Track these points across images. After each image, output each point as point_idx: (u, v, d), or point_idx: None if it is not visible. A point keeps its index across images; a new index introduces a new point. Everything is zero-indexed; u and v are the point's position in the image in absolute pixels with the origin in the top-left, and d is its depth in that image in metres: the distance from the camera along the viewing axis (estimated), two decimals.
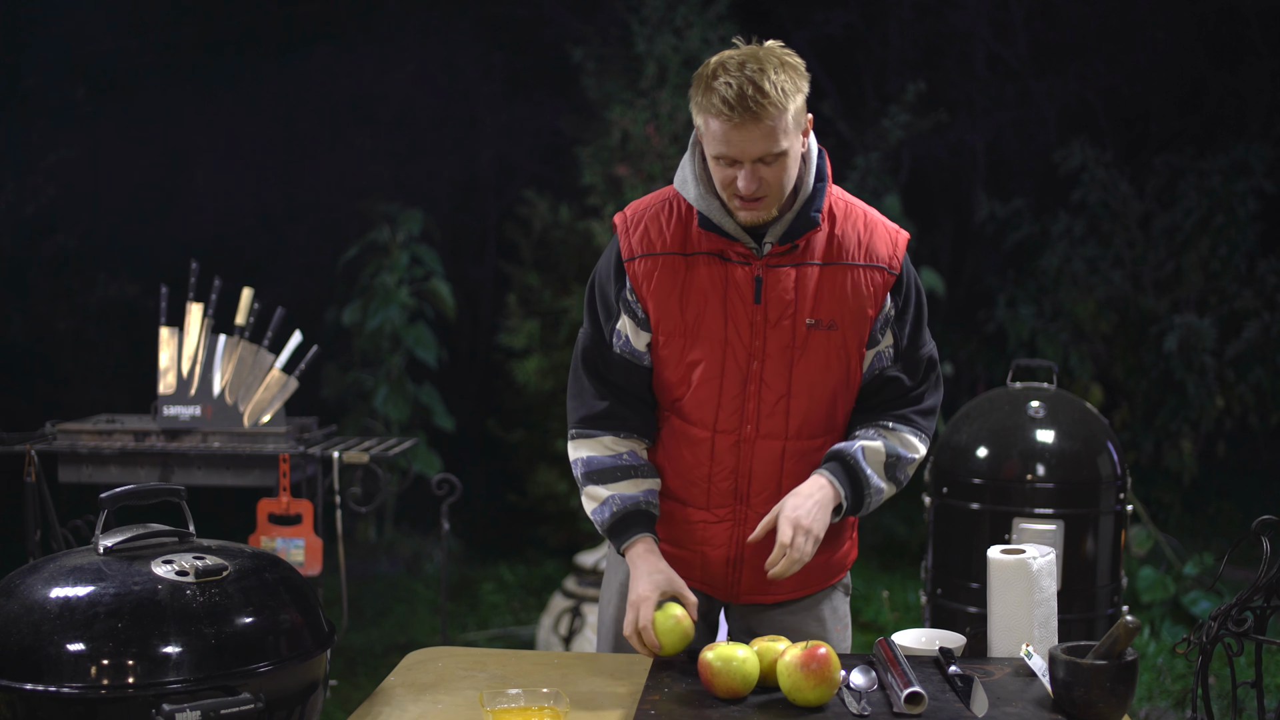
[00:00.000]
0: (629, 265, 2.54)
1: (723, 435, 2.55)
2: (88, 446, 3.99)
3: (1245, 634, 2.29)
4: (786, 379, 2.51)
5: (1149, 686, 5.12)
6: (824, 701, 2.17)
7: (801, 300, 2.48)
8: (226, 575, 2.02)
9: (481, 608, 6.65)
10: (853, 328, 2.52)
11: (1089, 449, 3.95)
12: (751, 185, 2.38)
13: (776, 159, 2.38)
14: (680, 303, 2.51)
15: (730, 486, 2.58)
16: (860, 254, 2.52)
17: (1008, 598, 2.47)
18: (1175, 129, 10.65)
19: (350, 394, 7.55)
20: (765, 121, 2.33)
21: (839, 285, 2.50)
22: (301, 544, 3.87)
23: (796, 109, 2.39)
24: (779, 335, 2.49)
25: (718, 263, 2.50)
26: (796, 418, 2.54)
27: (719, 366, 2.51)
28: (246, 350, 4.06)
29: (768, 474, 2.56)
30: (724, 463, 2.57)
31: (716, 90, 2.34)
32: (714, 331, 2.50)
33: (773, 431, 2.54)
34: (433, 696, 2.32)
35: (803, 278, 2.49)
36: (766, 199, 2.41)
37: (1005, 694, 2.24)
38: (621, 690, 2.34)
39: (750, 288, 2.48)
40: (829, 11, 11.16)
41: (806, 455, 2.57)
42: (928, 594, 4.16)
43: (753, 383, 2.51)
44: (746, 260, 2.49)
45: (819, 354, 2.51)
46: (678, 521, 2.65)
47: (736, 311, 2.49)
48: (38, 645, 1.89)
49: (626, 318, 2.57)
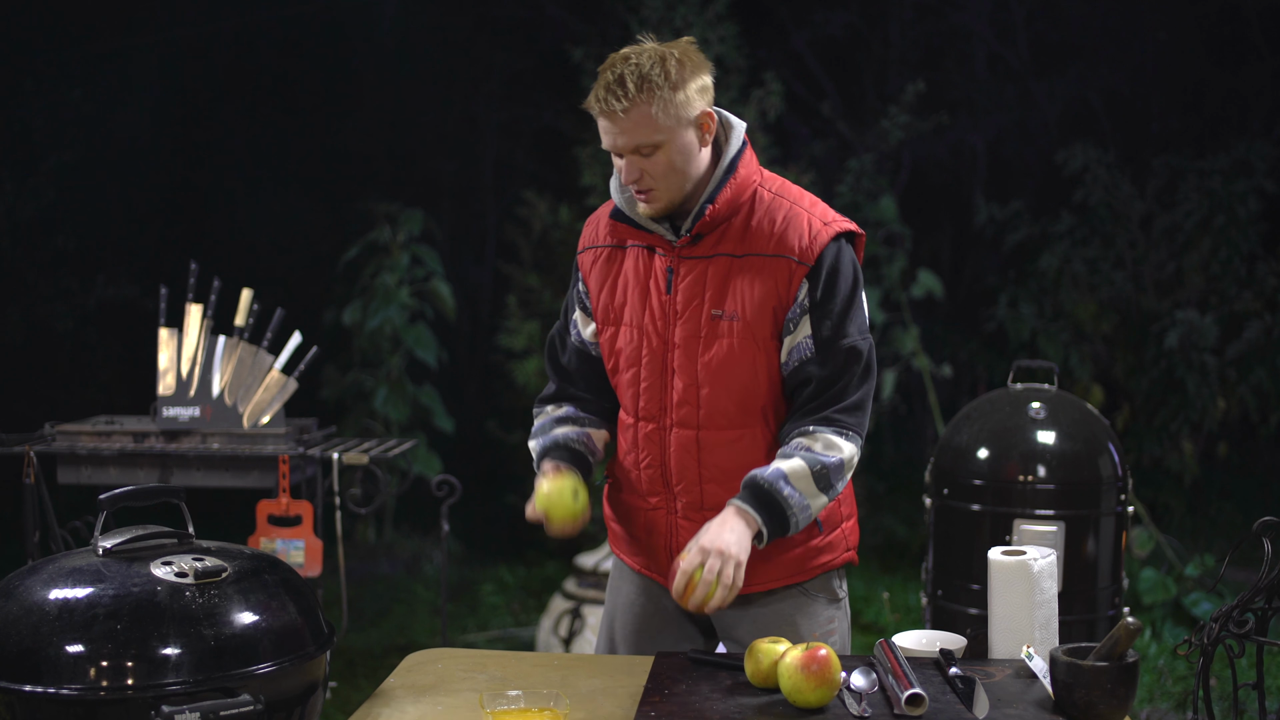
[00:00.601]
0: (580, 258, 2.69)
1: (645, 423, 2.61)
2: (87, 448, 3.98)
3: (1246, 635, 2.29)
4: (694, 369, 2.54)
5: (1150, 688, 5.12)
6: (824, 703, 2.16)
7: (709, 291, 2.52)
8: (226, 577, 2.01)
9: (481, 609, 6.65)
10: (758, 319, 2.51)
11: (1090, 450, 3.94)
12: (632, 175, 2.46)
13: (654, 150, 2.43)
14: (611, 291, 2.63)
15: (657, 474, 2.62)
16: (770, 245, 2.51)
17: (1008, 599, 2.46)
18: (1176, 129, 10.64)
19: (350, 395, 7.55)
20: (634, 113, 2.40)
21: (747, 277, 2.51)
22: (301, 545, 3.87)
23: (680, 101, 2.42)
24: (686, 325, 2.54)
25: (645, 254, 2.60)
26: (706, 407, 2.55)
27: (638, 354, 2.59)
28: (246, 351, 4.06)
29: (685, 463, 2.59)
30: (648, 450, 2.62)
31: (598, 84, 2.45)
32: (634, 319, 2.59)
33: (686, 420, 2.57)
34: (432, 698, 2.32)
35: (714, 269, 2.53)
36: (655, 191, 2.47)
37: (1006, 695, 2.23)
38: (622, 692, 2.34)
39: (664, 278, 2.56)
40: (829, 11, 11.16)
41: (722, 447, 2.56)
42: (928, 595, 4.15)
43: (667, 372, 2.57)
44: (666, 252, 2.57)
45: (725, 345, 2.52)
46: (628, 511, 2.72)
47: (652, 301, 2.57)
48: (37, 647, 1.88)
49: (579, 309, 2.71)
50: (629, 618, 2.79)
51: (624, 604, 2.80)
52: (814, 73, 11.35)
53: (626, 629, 2.79)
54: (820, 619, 2.69)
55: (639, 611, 2.77)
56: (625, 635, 2.79)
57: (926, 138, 10.92)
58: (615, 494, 2.76)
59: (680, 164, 2.46)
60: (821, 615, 2.69)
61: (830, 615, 2.70)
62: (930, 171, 11.81)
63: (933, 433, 9.28)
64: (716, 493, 2.58)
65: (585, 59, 7.31)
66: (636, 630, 2.78)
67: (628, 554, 2.78)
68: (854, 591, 6.83)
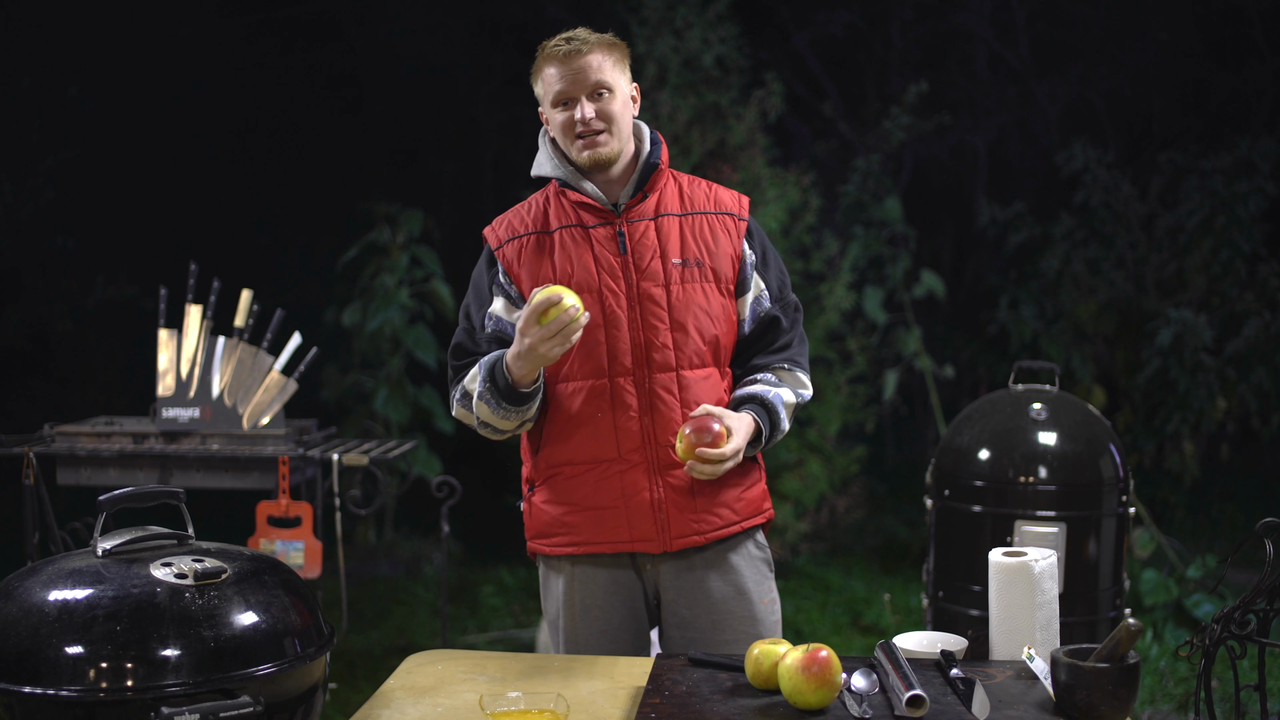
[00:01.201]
0: (499, 253, 2.82)
1: (620, 378, 2.74)
2: (86, 449, 3.98)
3: (1248, 637, 2.28)
4: (666, 314, 2.75)
5: (1151, 690, 5.11)
6: (825, 704, 2.16)
7: (664, 244, 2.78)
8: (225, 578, 2.01)
9: (482, 610, 6.64)
10: (721, 265, 2.80)
11: (1091, 451, 3.94)
12: (589, 113, 2.71)
13: (606, 94, 2.72)
14: (551, 267, 2.77)
15: (636, 428, 2.74)
16: (710, 204, 2.85)
17: (1009, 600, 2.46)
18: (1178, 129, 10.63)
19: (350, 396, 7.54)
20: (590, 56, 2.71)
21: (697, 229, 2.81)
22: (301, 546, 3.87)
23: (621, 58, 2.78)
24: (650, 276, 2.76)
25: (579, 230, 2.79)
26: (681, 349, 2.76)
27: (600, 314, 2.74)
28: (246, 352, 4.05)
29: (669, 406, 2.74)
30: (626, 403, 2.74)
31: (549, 42, 2.75)
32: (587, 283, 2.74)
33: (664, 364, 2.75)
34: (432, 700, 2.32)
35: (662, 226, 2.80)
36: (604, 133, 2.73)
37: (1007, 697, 2.23)
38: (621, 694, 2.34)
39: (614, 242, 2.77)
40: (830, 12, 11.14)
41: (698, 383, 2.77)
42: (929, 597, 4.15)
43: (636, 324, 2.74)
44: (607, 221, 2.78)
45: (692, 289, 2.77)
46: (594, 482, 2.77)
47: (606, 262, 2.76)
48: (36, 648, 1.88)
49: (499, 299, 2.81)
50: (591, 619, 2.83)
51: (585, 606, 2.83)
52: (815, 73, 11.35)
53: (591, 630, 2.84)
54: (764, 578, 2.88)
55: (601, 610, 2.83)
56: (590, 635, 2.84)
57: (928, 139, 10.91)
58: (567, 483, 2.80)
59: (622, 114, 2.76)
60: (763, 573, 2.88)
61: (769, 585, 2.89)
62: (932, 172, 11.80)
63: (934, 434, 9.28)
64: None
65: None
66: (601, 632, 2.83)
67: (594, 540, 2.79)
68: (855, 593, 6.83)
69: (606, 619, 2.82)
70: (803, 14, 11.11)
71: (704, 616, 2.80)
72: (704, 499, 2.76)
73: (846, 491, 7.72)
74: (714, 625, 2.80)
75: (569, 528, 2.80)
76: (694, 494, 2.76)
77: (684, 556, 2.80)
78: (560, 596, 2.85)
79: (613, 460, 2.75)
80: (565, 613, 2.84)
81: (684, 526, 2.76)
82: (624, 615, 2.82)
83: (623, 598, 2.82)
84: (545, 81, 2.75)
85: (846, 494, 7.73)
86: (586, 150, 2.73)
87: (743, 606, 2.82)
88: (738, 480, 2.81)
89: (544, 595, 2.91)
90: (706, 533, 2.78)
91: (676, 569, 2.80)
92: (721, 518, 2.79)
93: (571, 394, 2.76)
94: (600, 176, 2.78)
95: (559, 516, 2.81)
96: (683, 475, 2.74)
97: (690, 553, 2.80)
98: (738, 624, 2.80)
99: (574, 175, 2.79)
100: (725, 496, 2.79)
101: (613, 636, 2.82)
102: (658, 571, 2.82)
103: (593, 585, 2.81)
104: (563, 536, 2.81)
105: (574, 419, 2.76)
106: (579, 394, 2.75)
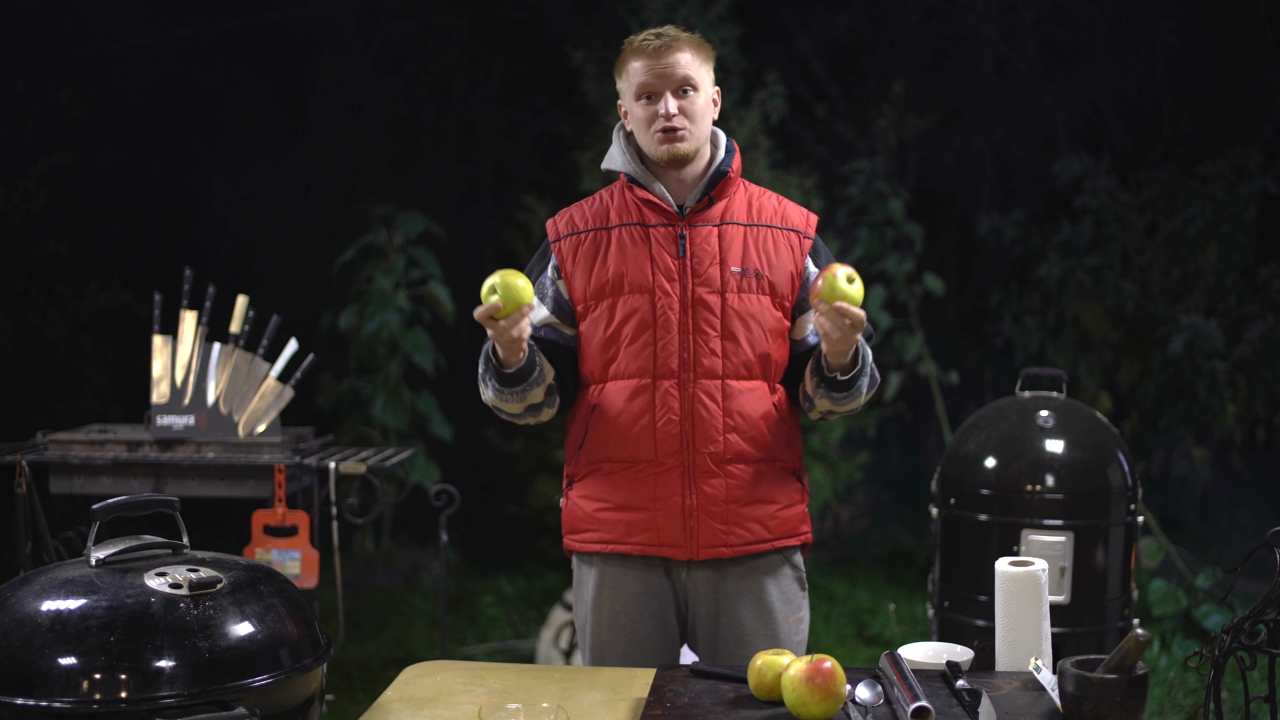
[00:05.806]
0: (556, 246, 2.83)
1: (664, 380, 2.74)
2: (79, 457, 3.95)
3: (1258, 647, 2.26)
4: (719, 321, 2.74)
5: (1160, 701, 5.08)
6: (829, 716, 2.14)
7: (725, 251, 2.76)
8: (221, 588, 2.00)
9: (481, 621, 6.61)
10: (780, 279, 2.78)
11: (1099, 459, 3.91)
12: (672, 108, 2.70)
13: (691, 91, 2.72)
14: (604, 265, 2.78)
15: (676, 431, 2.74)
16: (777, 219, 2.83)
17: (1016, 610, 2.46)
18: (1186, 133, 10.60)
19: (347, 402, 7.49)
20: (679, 51, 2.71)
21: (760, 241, 2.79)
22: (297, 556, 3.84)
23: (708, 58, 2.78)
24: (707, 281, 2.75)
25: (639, 229, 2.79)
26: (730, 358, 2.75)
27: (651, 315, 2.74)
28: (241, 359, 4.02)
29: (710, 414, 2.73)
30: (668, 406, 2.74)
31: (637, 36, 2.76)
32: (641, 283, 2.75)
33: (710, 371, 2.74)
34: (431, 711, 2.30)
35: (725, 234, 2.78)
36: (685, 130, 2.72)
37: (1013, 708, 2.22)
38: (623, 705, 2.32)
39: (674, 244, 2.77)
40: (833, 14, 11.13)
41: (743, 395, 2.76)
42: (935, 607, 4.12)
43: (686, 329, 2.74)
44: (669, 222, 2.77)
45: (748, 299, 2.76)
46: (629, 482, 2.77)
47: (662, 263, 2.76)
48: (29, 659, 1.87)
49: (542, 309, 2.82)
50: (623, 622, 2.81)
51: (614, 614, 2.82)
52: (818, 76, 11.33)
53: (619, 635, 2.81)
54: (793, 598, 2.85)
55: (635, 612, 2.81)
56: (616, 644, 2.82)
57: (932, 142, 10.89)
58: (603, 480, 2.80)
59: (704, 114, 2.75)
60: (793, 593, 2.85)
61: (799, 603, 2.87)
62: (936, 176, 11.77)
63: (938, 441, 9.26)
64: (738, 443, 2.75)
65: (585, 62, 7.29)
66: (628, 640, 2.81)
67: (622, 539, 2.78)
68: (860, 603, 6.80)
69: (634, 628, 2.80)
70: (805, 16, 11.09)
71: (728, 630, 2.80)
72: (736, 510, 2.75)
73: (850, 500, 7.71)
74: (736, 640, 2.79)
75: (600, 524, 2.81)
76: (727, 504, 2.74)
77: (715, 567, 2.79)
78: (590, 600, 2.84)
79: (649, 462, 2.75)
80: (593, 618, 2.83)
81: (713, 536, 2.75)
82: (653, 626, 2.81)
83: (653, 607, 2.80)
84: (630, 75, 2.75)
85: (850, 502, 7.71)
86: (665, 144, 2.73)
87: (766, 625, 2.81)
88: (774, 496, 2.80)
89: (575, 597, 2.91)
90: (735, 545, 2.77)
91: (707, 579, 2.80)
92: (752, 532, 2.77)
93: (617, 392, 2.77)
94: (671, 176, 2.78)
95: (592, 513, 2.82)
96: (717, 484, 2.74)
97: (722, 564, 2.79)
98: (760, 641, 2.79)
99: (644, 173, 2.79)
100: (759, 511, 2.77)
101: (640, 646, 2.81)
102: (691, 580, 2.80)
103: (623, 592, 2.80)
104: (594, 533, 2.81)
105: (616, 417, 2.77)
106: (623, 393, 2.76)
